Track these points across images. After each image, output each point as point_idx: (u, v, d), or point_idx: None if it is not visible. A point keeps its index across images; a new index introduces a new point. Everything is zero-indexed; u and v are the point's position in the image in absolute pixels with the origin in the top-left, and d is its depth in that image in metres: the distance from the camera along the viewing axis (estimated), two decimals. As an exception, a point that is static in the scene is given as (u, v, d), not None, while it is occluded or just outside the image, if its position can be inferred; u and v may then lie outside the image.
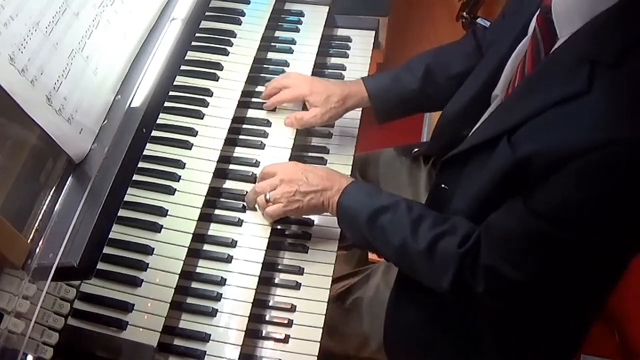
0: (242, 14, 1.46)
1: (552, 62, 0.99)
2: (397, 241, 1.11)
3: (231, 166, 1.30)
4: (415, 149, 1.53)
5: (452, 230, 1.08)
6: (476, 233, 1.05)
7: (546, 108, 0.93)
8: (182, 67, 1.32)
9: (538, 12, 1.03)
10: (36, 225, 0.95)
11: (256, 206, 1.22)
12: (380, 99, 1.37)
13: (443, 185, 1.18)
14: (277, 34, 1.53)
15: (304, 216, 1.26)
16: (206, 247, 1.18)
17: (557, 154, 0.89)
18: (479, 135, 1.11)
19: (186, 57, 1.32)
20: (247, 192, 1.25)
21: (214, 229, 1.21)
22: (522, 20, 1.12)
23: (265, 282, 1.19)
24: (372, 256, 1.70)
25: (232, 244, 1.19)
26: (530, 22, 1.09)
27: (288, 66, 1.46)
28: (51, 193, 0.99)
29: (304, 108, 1.37)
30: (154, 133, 1.21)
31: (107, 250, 1.06)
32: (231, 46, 1.39)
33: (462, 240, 1.05)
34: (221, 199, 1.25)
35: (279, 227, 1.25)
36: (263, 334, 1.15)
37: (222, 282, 1.14)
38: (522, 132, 0.96)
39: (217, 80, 1.33)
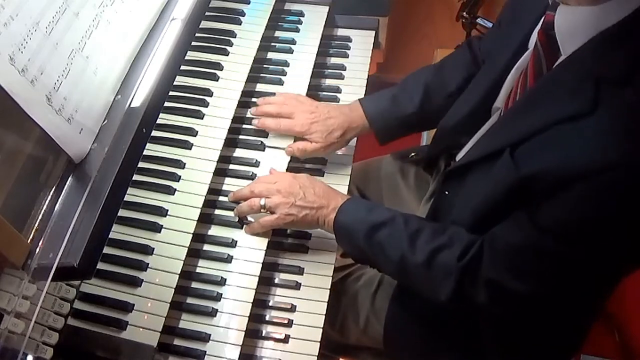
0: (242, 14, 1.46)
1: (555, 78, 0.98)
2: (396, 256, 1.11)
3: (231, 166, 1.30)
4: (412, 154, 1.52)
5: (450, 243, 1.07)
6: (477, 245, 1.05)
7: (550, 125, 0.92)
8: (182, 67, 1.32)
9: (539, 27, 1.02)
10: (36, 225, 0.95)
11: (241, 207, 1.21)
12: (380, 124, 1.35)
13: (446, 192, 1.18)
14: (277, 34, 1.53)
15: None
16: (206, 247, 1.18)
17: (563, 173, 0.89)
18: (481, 148, 1.10)
19: (186, 57, 1.32)
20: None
21: (214, 229, 1.21)
22: (521, 32, 1.11)
23: (265, 282, 1.19)
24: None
25: (232, 244, 1.19)
26: (530, 36, 1.09)
27: (288, 66, 1.46)
28: (51, 193, 0.98)
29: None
30: (154, 133, 1.21)
31: (107, 250, 1.06)
32: (231, 46, 1.39)
33: (462, 253, 1.05)
34: (221, 199, 1.25)
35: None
36: (263, 334, 1.15)
37: (222, 282, 1.14)
38: (526, 148, 0.95)
39: (217, 80, 1.33)
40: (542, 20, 1.01)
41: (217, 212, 1.23)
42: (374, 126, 1.35)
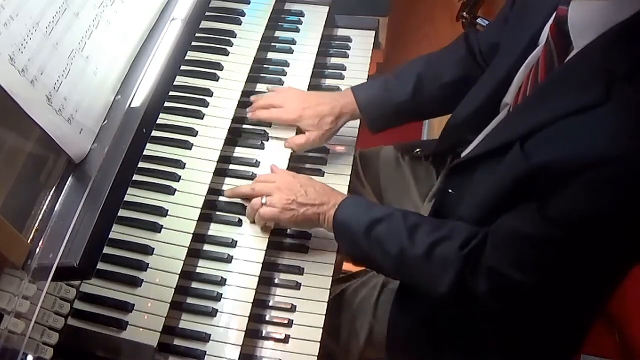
0: (242, 14, 1.46)
1: (567, 71, 0.99)
2: (395, 250, 1.11)
3: (231, 166, 1.30)
4: (417, 150, 1.53)
5: (450, 235, 1.08)
6: (480, 235, 1.05)
7: (561, 117, 0.93)
8: (182, 67, 1.32)
9: (551, 21, 1.03)
10: (36, 225, 0.95)
11: (247, 212, 1.22)
12: (371, 111, 1.35)
13: (450, 191, 1.18)
14: (277, 34, 1.53)
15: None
16: (206, 247, 1.18)
17: (573, 164, 0.89)
18: (489, 142, 1.10)
19: (186, 57, 1.32)
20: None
21: (214, 229, 1.21)
22: (530, 30, 1.11)
23: (265, 282, 1.19)
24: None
25: (232, 244, 1.19)
26: (539, 33, 1.09)
27: (288, 66, 1.46)
28: (51, 193, 0.99)
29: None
30: (154, 133, 1.21)
31: (107, 250, 1.06)
32: (231, 46, 1.39)
33: (464, 243, 1.05)
34: (221, 199, 1.25)
35: (279, 227, 1.24)
36: (263, 334, 1.15)
37: (222, 282, 1.14)
38: (536, 139, 0.96)
39: (217, 80, 1.33)
40: (554, 14, 1.02)
41: (217, 212, 1.23)
42: (364, 113, 1.35)
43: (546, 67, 1.04)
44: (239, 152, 1.32)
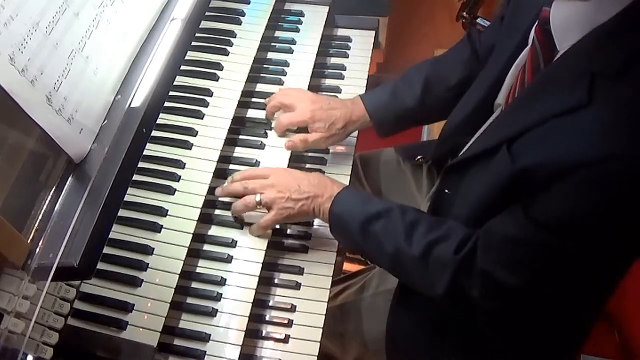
0: (242, 14, 1.46)
1: (552, 73, 0.99)
2: (391, 248, 1.11)
3: (231, 166, 1.30)
4: (418, 157, 1.53)
5: (447, 236, 1.07)
6: (473, 238, 1.05)
7: (546, 119, 0.92)
8: (182, 67, 1.32)
9: (536, 23, 1.03)
10: (36, 225, 0.95)
11: (236, 205, 1.21)
12: (381, 118, 1.36)
13: (446, 191, 1.18)
14: (277, 34, 1.53)
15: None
16: (206, 247, 1.19)
17: (557, 166, 0.89)
18: (480, 144, 1.10)
19: (186, 57, 1.32)
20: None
21: (214, 229, 1.21)
22: (521, 29, 1.11)
23: (265, 282, 1.19)
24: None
25: (232, 244, 1.19)
26: (529, 32, 1.09)
27: (288, 66, 1.46)
28: (51, 193, 0.99)
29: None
30: (154, 133, 1.21)
31: (107, 250, 1.06)
32: (231, 46, 1.39)
33: (459, 246, 1.05)
34: (221, 199, 1.25)
35: (278, 227, 1.24)
36: (263, 334, 1.15)
37: (222, 282, 1.14)
38: (522, 142, 0.96)
39: (217, 80, 1.33)
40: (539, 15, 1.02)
41: (217, 212, 1.23)
42: (374, 120, 1.36)
43: (532, 69, 1.04)
44: (239, 152, 1.32)
